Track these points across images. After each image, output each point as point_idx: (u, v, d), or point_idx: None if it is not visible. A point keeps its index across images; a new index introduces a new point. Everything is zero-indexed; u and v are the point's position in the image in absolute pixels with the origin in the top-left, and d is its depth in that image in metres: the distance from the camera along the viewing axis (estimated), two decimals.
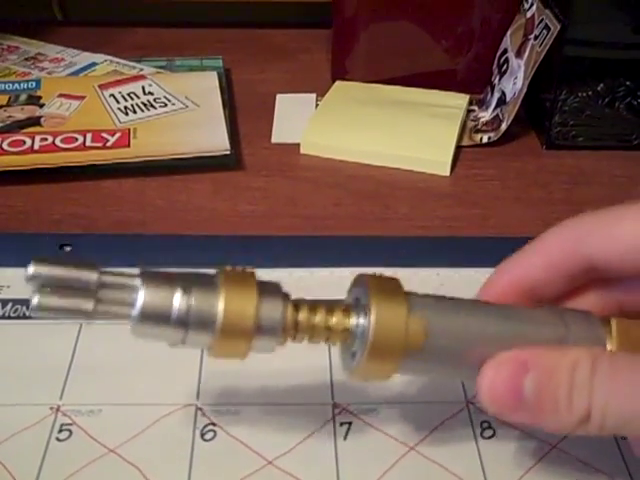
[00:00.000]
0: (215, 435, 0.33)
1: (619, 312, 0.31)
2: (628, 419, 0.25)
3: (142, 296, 0.26)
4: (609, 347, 0.29)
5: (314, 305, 0.28)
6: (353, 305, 0.28)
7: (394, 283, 0.28)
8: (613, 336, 0.29)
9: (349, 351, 0.28)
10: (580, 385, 0.26)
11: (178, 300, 0.26)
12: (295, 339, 0.28)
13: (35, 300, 0.25)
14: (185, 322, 0.26)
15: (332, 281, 0.41)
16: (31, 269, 0.25)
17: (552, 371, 0.26)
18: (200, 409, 0.34)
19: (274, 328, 0.27)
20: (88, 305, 0.25)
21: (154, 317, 0.26)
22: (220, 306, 0.26)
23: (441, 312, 0.28)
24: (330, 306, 0.28)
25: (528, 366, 0.26)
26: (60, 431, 0.33)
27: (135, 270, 0.27)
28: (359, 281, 0.29)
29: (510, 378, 0.27)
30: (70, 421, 0.34)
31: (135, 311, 0.26)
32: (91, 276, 0.25)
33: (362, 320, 0.27)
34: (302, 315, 0.27)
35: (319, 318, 0.28)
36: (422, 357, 0.27)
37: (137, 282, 0.26)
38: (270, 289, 0.27)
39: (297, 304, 0.28)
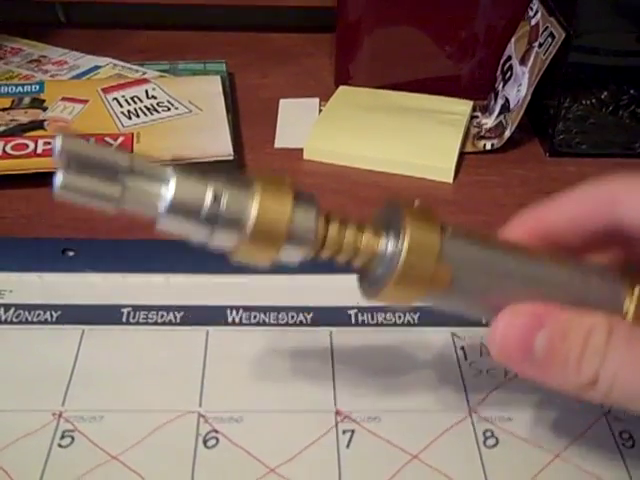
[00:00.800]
0: (217, 442, 0.33)
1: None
2: (634, 394, 0.25)
3: (173, 186, 0.24)
4: (626, 308, 0.28)
5: (345, 220, 0.27)
6: (384, 227, 0.27)
7: (429, 213, 0.27)
8: (634, 300, 0.28)
9: (372, 273, 0.27)
10: (593, 350, 0.25)
11: (211, 195, 0.24)
12: (319, 254, 0.27)
13: (59, 177, 0.23)
14: (215, 219, 0.24)
15: (335, 287, 0.41)
16: (59, 142, 0.23)
17: (567, 331, 0.26)
18: (202, 416, 0.34)
19: (306, 237, 0.26)
20: (115, 190, 0.24)
21: (184, 210, 0.24)
22: (254, 206, 0.24)
23: (471, 255, 0.27)
24: (361, 225, 0.27)
25: (543, 321, 0.26)
26: (62, 437, 0.33)
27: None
28: (392, 204, 0.28)
29: (523, 330, 0.26)
30: (72, 427, 0.33)
31: (165, 202, 0.24)
32: (122, 158, 0.24)
33: (392, 245, 0.26)
34: (332, 229, 0.26)
35: (349, 235, 0.26)
36: (447, 292, 0.27)
37: (169, 172, 0.24)
38: (306, 197, 0.26)
39: (328, 216, 0.27)
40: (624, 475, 0.32)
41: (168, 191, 0.24)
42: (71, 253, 0.43)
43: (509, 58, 0.58)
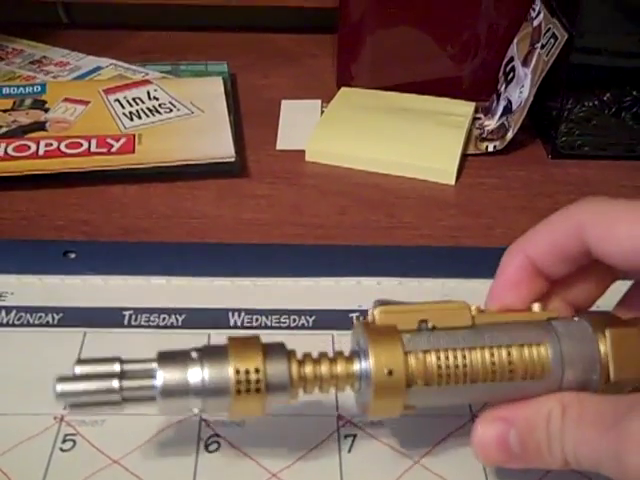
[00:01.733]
0: (219, 446, 0.33)
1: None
2: (597, 461, 0.27)
3: (160, 377, 0.28)
4: (602, 350, 0.29)
5: (318, 358, 0.30)
6: (355, 352, 0.30)
7: (389, 327, 0.30)
8: (607, 343, 0.29)
9: (360, 394, 0.30)
10: (553, 436, 0.28)
11: (193, 374, 0.28)
12: (306, 391, 0.30)
13: (57, 388, 0.29)
14: (202, 392, 0.28)
15: (337, 291, 0.41)
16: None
17: (531, 425, 0.29)
18: (204, 420, 0.34)
19: (283, 385, 0.29)
20: (116, 397, 0.28)
21: (174, 393, 0.28)
22: (230, 372, 0.28)
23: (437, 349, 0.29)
24: (334, 356, 0.30)
25: (510, 422, 0.29)
26: (64, 441, 0.33)
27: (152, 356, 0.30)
28: (358, 328, 0.31)
29: (497, 435, 0.29)
30: (74, 431, 0.33)
31: (156, 391, 0.28)
32: (114, 368, 0.29)
33: (364, 364, 0.29)
34: (308, 369, 0.30)
35: (324, 369, 0.30)
36: (425, 390, 0.29)
37: (154, 365, 0.29)
38: (275, 349, 0.29)
39: (301, 360, 0.30)
40: None
41: (156, 382, 0.28)
42: (72, 255, 0.43)
43: (511, 59, 0.58)
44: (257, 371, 0.28)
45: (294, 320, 0.40)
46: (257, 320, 0.39)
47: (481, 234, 0.48)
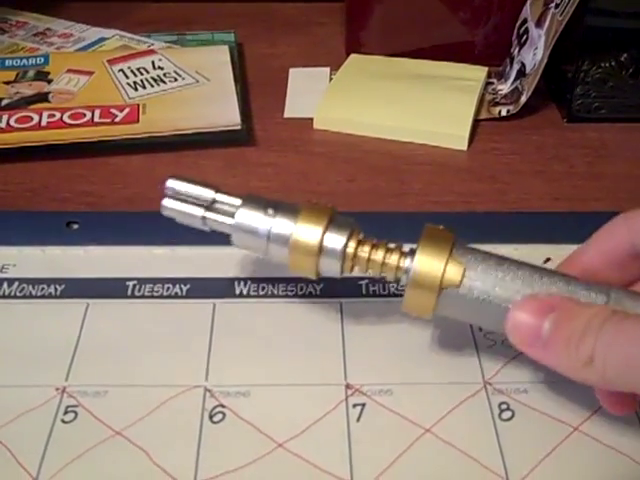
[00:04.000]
0: (224, 417, 0.32)
1: None
2: (623, 372, 0.26)
3: (239, 214, 0.33)
4: None
5: (377, 243, 0.33)
6: (410, 250, 0.32)
7: (446, 235, 0.32)
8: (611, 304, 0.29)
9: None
10: (590, 331, 0.27)
11: (264, 220, 0.33)
12: (354, 269, 0.33)
13: (164, 202, 0.35)
14: (268, 237, 0.33)
15: None
16: (168, 183, 0.35)
17: (572, 315, 0.28)
18: (209, 390, 0.33)
19: (334, 254, 0.32)
20: (199, 212, 0.34)
21: (246, 230, 0.33)
22: (294, 229, 0.32)
23: (481, 264, 0.31)
24: (391, 248, 0.33)
25: (554, 307, 0.28)
26: (65, 413, 0.32)
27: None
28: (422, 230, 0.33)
29: (535, 312, 0.28)
30: (76, 402, 0.33)
31: (233, 222, 0.33)
32: (209, 193, 0.34)
33: (410, 260, 0.31)
34: (363, 250, 0.33)
35: (378, 255, 0.33)
36: (457, 298, 0.31)
37: (238, 202, 0.34)
38: (341, 223, 0.33)
39: (362, 240, 0.33)
40: None
41: (236, 216, 0.33)
42: (75, 226, 0.42)
43: (525, 21, 0.56)
44: (316, 234, 0.32)
45: (301, 288, 0.39)
46: (263, 289, 0.39)
47: (494, 199, 0.46)
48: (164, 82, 0.55)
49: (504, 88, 0.56)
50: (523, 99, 0.53)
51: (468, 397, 0.33)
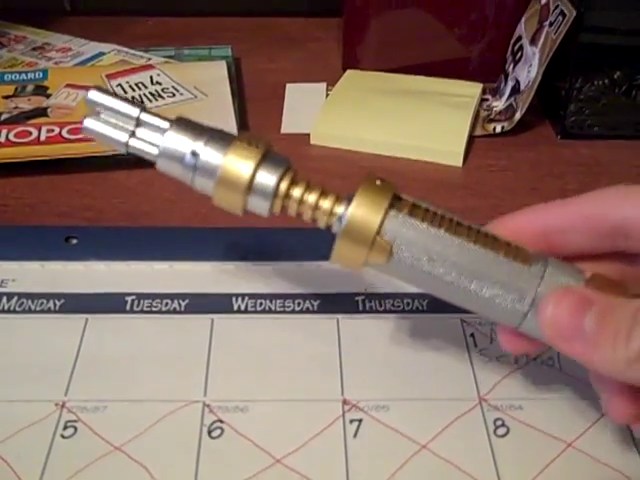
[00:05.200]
0: (222, 432, 0.33)
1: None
2: None
3: (165, 138, 0.30)
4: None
5: (311, 185, 0.31)
6: (346, 197, 0.30)
7: (386, 189, 0.30)
8: (590, 284, 0.29)
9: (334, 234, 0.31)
10: (639, 325, 0.26)
11: (191, 148, 0.30)
12: (285, 209, 0.31)
13: (85, 121, 0.31)
14: (194, 167, 0.30)
15: (342, 274, 0.41)
16: (89, 94, 0.31)
17: (615, 308, 0.27)
18: (207, 406, 0.34)
19: (265, 192, 0.30)
20: (123, 137, 0.31)
21: (171, 158, 0.30)
22: (223, 161, 0.29)
23: (413, 233, 0.29)
24: (326, 191, 0.31)
25: (592, 301, 0.27)
26: (65, 428, 0.32)
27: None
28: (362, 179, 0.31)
29: (574, 307, 0.27)
30: (75, 418, 0.33)
31: (157, 149, 0.30)
32: (133, 111, 0.30)
33: (344, 208, 0.30)
34: (297, 189, 0.30)
35: (312, 197, 0.30)
36: (386, 264, 0.30)
37: (166, 125, 0.30)
38: (275, 160, 0.30)
39: (296, 180, 0.31)
40: (637, 464, 0.32)
41: (162, 141, 0.30)
42: (74, 241, 0.43)
43: (519, 38, 0.57)
44: (247, 168, 0.29)
45: (298, 304, 0.39)
46: (261, 304, 0.39)
47: (489, 216, 0.46)
48: (162, 97, 0.56)
49: (498, 105, 0.57)
50: (517, 116, 0.54)
51: (464, 413, 0.34)
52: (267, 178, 0.30)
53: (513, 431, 0.33)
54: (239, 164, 0.29)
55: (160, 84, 0.57)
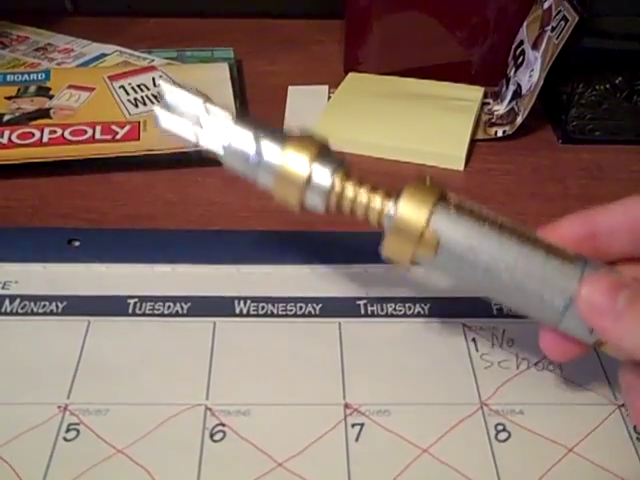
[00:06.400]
0: (225, 436, 0.33)
1: None
2: None
3: (230, 135, 0.32)
4: None
5: (362, 182, 0.32)
6: (395, 194, 0.31)
7: (433, 187, 0.31)
8: None
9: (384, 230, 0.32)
10: None
11: (254, 145, 0.32)
12: (339, 207, 0.32)
13: (155, 111, 0.33)
14: (257, 163, 0.32)
15: (345, 278, 0.41)
16: (160, 87, 0.33)
17: None
18: (209, 409, 0.34)
19: (321, 187, 0.31)
20: (193, 127, 0.32)
21: (236, 154, 0.32)
22: (281, 158, 0.31)
23: (458, 234, 0.30)
24: (375, 187, 0.32)
25: (626, 284, 0.29)
26: (67, 431, 0.33)
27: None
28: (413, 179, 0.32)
29: (609, 287, 0.29)
30: (77, 420, 0.33)
31: (222, 145, 0.32)
32: (197, 102, 0.32)
33: (393, 205, 0.31)
34: (349, 187, 0.32)
35: (363, 193, 0.32)
36: (433, 259, 0.31)
37: (230, 122, 0.32)
38: (329, 155, 0.32)
39: (348, 176, 0.32)
40: (638, 470, 0.32)
41: (228, 138, 0.32)
42: (77, 243, 0.43)
43: (521, 43, 0.57)
44: (304, 164, 0.31)
45: (300, 308, 0.39)
46: (263, 308, 0.39)
47: None
48: None
49: (500, 109, 0.57)
50: (519, 120, 0.54)
51: (465, 418, 0.34)
52: (322, 173, 0.31)
53: (514, 436, 0.33)
54: (296, 160, 0.31)
55: None
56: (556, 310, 0.30)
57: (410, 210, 0.30)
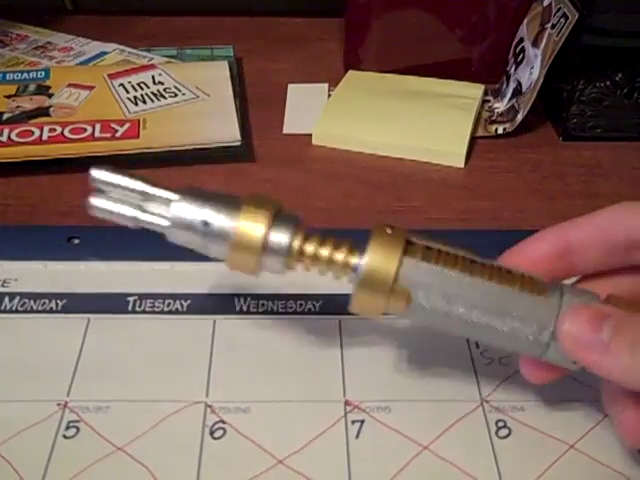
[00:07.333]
0: (225, 433, 0.33)
1: None
2: None
3: (175, 210, 0.30)
4: None
5: (324, 239, 0.31)
6: (359, 249, 0.30)
7: (397, 236, 0.30)
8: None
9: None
10: None
11: (202, 216, 0.30)
12: (302, 264, 0.31)
13: (90, 200, 0.31)
14: (205, 234, 0.30)
15: None
16: (92, 173, 0.31)
17: (631, 318, 0.28)
18: (209, 406, 0.34)
19: (279, 251, 0.30)
20: (131, 212, 0.31)
21: (182, 228, 0.30)
22: (235, 226, 0.30)
23: (429, 278, 0.29)
24: (339, 243, 0.31)
25: (609, 313, 0.28)
26: (67, 428, 0.32)
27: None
28: (372, 229, 0.30)
29: (591, 318, 0.28)
30: (77, 418, 0.33)
31: (168, 221, 0.30)
32: (138, 186, 0.30)
33: (358, 259, 0.30)
34: (310, 246, 0.30)
35: (325, 251, 0.30)
36: (406, 311, 0.30)
37: (175, 197, 0.30)
38: (285, 218, 0.30)
39: (308, 236, 0.31)
40: (639, 466, 0.32)
41: (171, 212, 0.30)
42: (76, 241, 0.43)
43: (521, 40, 0.57)
44: (260, 230, 0.30)
45: (300, 305, 0.39)
46: (263, 305, 0.39)
47: (490, 217, 0.47)
48: (164, 97, 0.56)
49: (500, 106, 0.57)
50: (519, 117, 0.54)
51: (465, 414, 0.34)
52: (280, 238, 0.30)
53: (515, 432, 0.33)
54: (251, 227, 0.30)
55: (162, 84, 0.57)
56: (538, 346, 0.29)
57: (377, 264, 0.29)
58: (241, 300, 0.39)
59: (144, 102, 0.55)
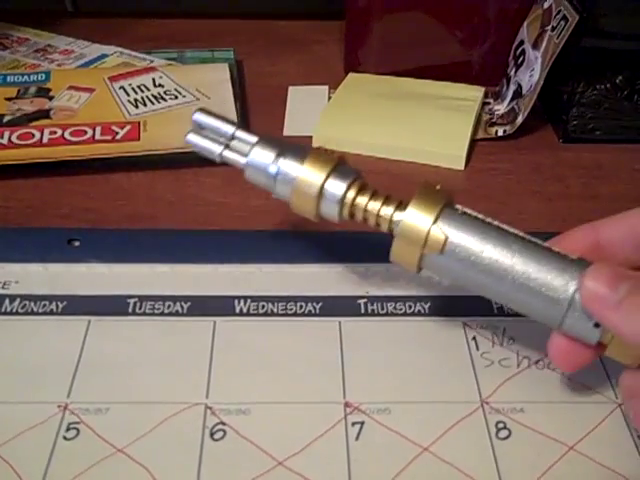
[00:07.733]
0: (225, 435, 0.33)
1: None
2: None
3: (253, 152, 0.35)
4: None
5: (376, 193, 0.34)
6: (404, 203, 0.34)
7: (439, 194, 0.33)
8: None
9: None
10: None
11: (272, 160, 0.34)
12: (352, 216, 0.35)
13: (187, 137, 0.36)
14: (275, 176, 0.34)
15: (344, 277, 0.41)
16: (195, 115, 0.36)
17: None
18: (209, 408, 0.34)
19: (333, 198, 0.34)
20: (218, 148, 0.36)
21: (256, 168, 0.35)
22: (299, 171, 0.34)
23: (464, 234, 0.32)
24: (389, 199, 0.34)
25: (627, 275, 0.30)
26: (67, 430, 0.33)
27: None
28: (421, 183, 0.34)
29: (610, 276, 0.30)
30: (77, 420, 0.33)
31: (245, 160, 0.35)
32: (229, 128, 0.36)
33: (402, 212, 0.33)
34: (362, 198, 0.34)
35: (374, 204, 0.34)
36: (439, 262, 0.33)
37: (254, 140, 0.35)
38: (344, 171, 0.34)
39: (363, 189, 0.34)
40: (639, 467, 0.32)
41: (249, 154, 0.35)
42: (77, 243, 0.43)
43: (521, 42, 0.57)
44: (319, 178, 0.34)
45: (300, 307, 0.39)
46: (263, 307, 0.39)
47: None
48: (165, 100, 0.56)
49: (500, 108, 0.57)
50: (519, 120, 0.54)
51: (465, 416, 0.34)
52: (335, 187, 0.34)
53: (515, 434, 0.33)
54: (312, 174, 0.34)
55: (162, 86, 0.57)
56: (559, 308, 0.30)
57: (419, 211, 0.32)
58: (241, 302, 0.39)
59: (144, 105, 0.55)
